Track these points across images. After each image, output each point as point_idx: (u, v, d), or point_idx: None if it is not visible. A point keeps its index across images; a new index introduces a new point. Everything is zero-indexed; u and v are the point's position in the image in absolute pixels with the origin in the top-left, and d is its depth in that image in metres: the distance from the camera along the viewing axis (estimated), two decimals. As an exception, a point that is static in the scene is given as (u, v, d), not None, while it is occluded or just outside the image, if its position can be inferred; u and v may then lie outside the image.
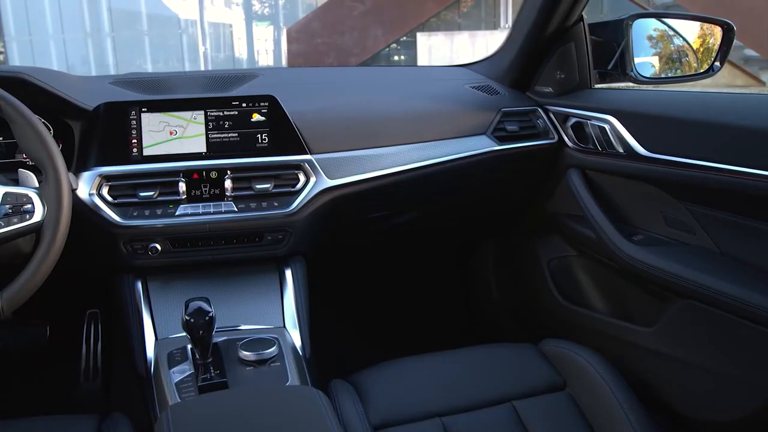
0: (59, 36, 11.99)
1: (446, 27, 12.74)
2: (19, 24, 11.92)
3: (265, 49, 15.00)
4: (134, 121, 1.36)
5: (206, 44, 12.34)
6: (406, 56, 12.80)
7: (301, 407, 0.95)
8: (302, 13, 13.07)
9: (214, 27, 13.99)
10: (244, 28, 14.54)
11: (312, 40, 11.73)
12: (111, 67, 11.88)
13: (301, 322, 1.38)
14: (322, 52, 11.50)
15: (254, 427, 0.91)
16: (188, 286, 1.41)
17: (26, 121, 1.13)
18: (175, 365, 1.21)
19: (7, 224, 1.11)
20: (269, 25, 14.82)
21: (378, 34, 11.71)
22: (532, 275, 1.81)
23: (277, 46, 14.03)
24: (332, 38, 11.50)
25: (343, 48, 11.44)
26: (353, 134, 1.48)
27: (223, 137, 1.39)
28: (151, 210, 1.33)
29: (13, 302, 1.10)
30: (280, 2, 14.22)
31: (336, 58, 11.27)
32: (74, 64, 12.13)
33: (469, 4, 13.51)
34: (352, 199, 1.47)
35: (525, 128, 1.61)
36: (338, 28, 11.49)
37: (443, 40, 11.65)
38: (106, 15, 12.01)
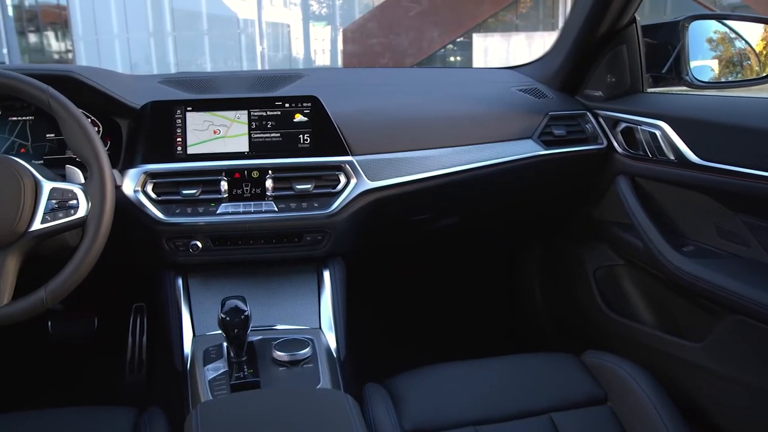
0: (124, 36, 12.38)
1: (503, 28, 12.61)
2: (87, 24, 12.36)
3: (322, 49, 15.14)
4: (179, 120, 1.38)
5: (263, 44, 12.54)
6: (462, 57, 12.72)
7: (328, 411, 0.94)
8: (359, 14, 13.13)
9: (272, 27, 14.19)
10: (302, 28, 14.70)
11: (367, 41, 11.78)
12: (172, 65, 12.21)
13: (337, 324, 1.38)
14: (377, 53, 11.53)
15: (279, 429, 0.91)
16: (227, 284, 1.42)
17: (73, 119, 1.16)
18: (210, 362, 1.22)
19: (53, 219, 1.14)
20: (326, 25, 14.95)
21: (434, 35, 11.67)
22: (577, 283, 1.76)
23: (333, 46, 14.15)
24: (388, 39, 11.52)
25: (398, 49, 11.45)
26: (396, 136, 1.46)
27: (265, 137, 1.39)
28: (193, 208, 1.35)
29: (57, 294, 1.13)
30: (338, 2, 14.32)
31: (391, 59, 11.28)
32: (138, 63, 12.50)
33: (527, 5, 13.33)
34: (393, 202, 1.45)
35: (573, 133, 1.57)
36: (394, 29, 11.49)
37: (499, 42, 11.52)
38: (168, 15, 12.33)
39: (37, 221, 1.14)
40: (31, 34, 14.03)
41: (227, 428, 0.91)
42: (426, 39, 11.60)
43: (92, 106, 1.39)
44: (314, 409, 0.95)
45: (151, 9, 12.31)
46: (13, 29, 12.72)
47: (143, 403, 1.24)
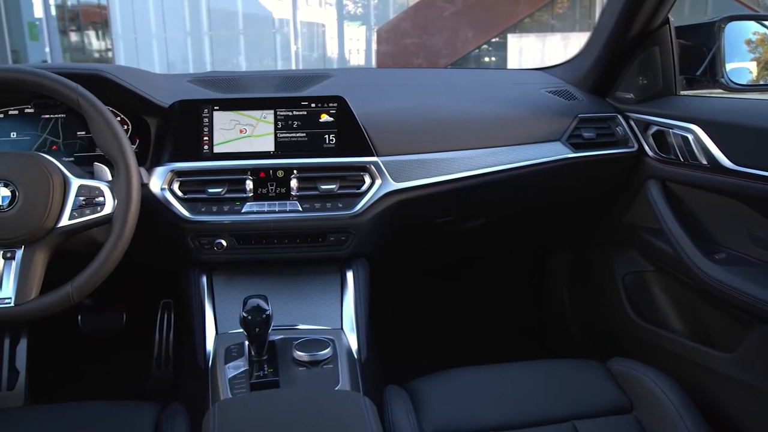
0: (162, 35, 12.58)
1: (539, 28, 12.48)
2: (126, 23, 12.59)
3: (357, 49, 15.17)
4: (206, 119, 1.39)
5: (298, 43, 12.61)
6: (497, 58, 12.63)
7: (345, 413, 0.94)
8: (393, 14, 13.13)
9: (307, 26, 14.27)
10: (336, 27, 14.76)
11: (401, 41, 11.76)
12: (208, 64, 12.35)
13: (359, 325, 1.37)
14: (411, 53, 11.51)
15: (294, 429, 0.91)
16: (251, 283, 1.43)
17: (101, 117, 1.18)
18: (231, 360, 1.23)
19: (80, 215, 1.16)
20: (361, 25, 14.98)
21: (468, 36, 11.61)
22: (605, 289, 1.73)
23: (368, 45, 14.17)
24: (422, 39, 11.49)
25: (432, 49, 11.41)
26: (421, 137, 1.45)
27: (291, 137, 1.40)
28: (218, 206, 1.36)
29: (83, 290, 1.15)
30: (372, 2, 14.34)
31: (425, 59, 11.25)
32: (175, 62, 12.68)
33: (564, 5, 13.18)
34: (418, 203, 1.45)
35: (603, 135, 1.54)
36: (428, 29, 11.46)
37: (534, 42, 11.41)
38: (205, 15, 12.49)
39: (65, 217, 1.16)
40: (73, 33, 14.35)
41: (243, 427, 0.91)
42: (460, 39, 11.54)
43: (122, 105, 1.41)
44: (331, 410, 0.94)
45: (189, 9, 12.49)
46: (55, 28, 13.02)
47: (168, 399, 1.25)
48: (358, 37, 14.93)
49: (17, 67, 1.18)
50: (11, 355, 1.79)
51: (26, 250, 1.15)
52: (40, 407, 1.42)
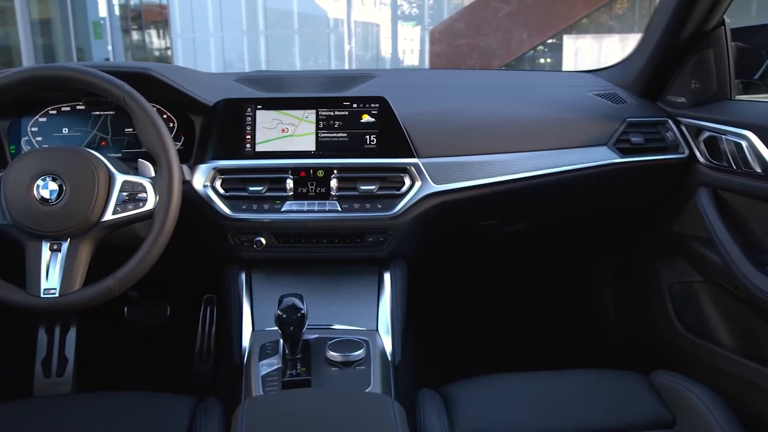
0: (219, 34, 12.83)
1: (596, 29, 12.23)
2: (185, 23, 12.89)
3: (411, 49, 15.16)
4: (249, 118, 1.41)
5: (352, 43, 12.67)
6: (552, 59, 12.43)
7: (371, 415, 0.93)
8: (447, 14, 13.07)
9: (362, 26, 14.34)
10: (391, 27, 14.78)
11: (455, 41, 11.70)
12: (263, 63, 12.54)
13: (395, 327, 1.37)
14: (464, 54, 11.43)
15: (319, 429, 0.91)
16: (289, 281, 1.44)
17: (146, 115, 1.21)
18: (265, 358, 1.24)
19: (123, 210, 1.19)
20: (416, 25, 14.96)
21: (523, 36, 11.46)
22: (651, 299, 1.68)
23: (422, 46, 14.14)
24: (476, 40, 11.40)
25: (486, 49, 11.31)
26: (463, 139, 1.44)
27: (332, 137, 1.40)
28: (258, 204, 1.37)
29: (124, 283, 1.18)
30: (427, 2, 14.31)
31: (478, 60, 11.16)
32: (231, 60, 12.91)
33: (624, 6, 12.88)
34: (458, 206, 1.43)
35: (651, 141, 1.49)
36: (482, 30, 11.36)
37: (591, 43, 11.18)
38: (261, 14, 12.68)
39: (109, 212, 1.19)
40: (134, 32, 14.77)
41: (270, 424, 0.92)
42: (515, 40, 11.41)
43: (168, 103, 1.44)
44: (358, 412, 0.94)
45: (245, 8, 12.70)
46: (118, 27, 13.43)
47: (207, 393, 1.27)
48: (413, 37, 14.92)
49: (67, 65, 1.22)
50: (61, 344, 1.85)
51: (72, 242, 1.18)
52: (84, 395, 1.46)
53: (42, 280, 1.16)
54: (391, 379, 1.24)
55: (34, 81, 1.20)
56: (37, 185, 1.16)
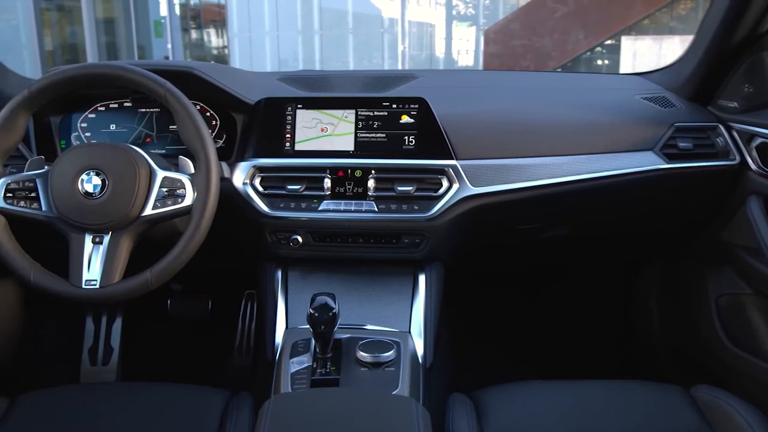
0: (274, 33, 13.01)
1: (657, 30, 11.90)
2: (242, 22, 13.10)
3: (466, 50, 15.06)
4: (290, 117, 1.42)
5: (405, 43, 12.65)
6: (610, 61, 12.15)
7: (393, 418, 0.93)
8: (503, 14, 12.93)
9: (417, 26, 14.31)
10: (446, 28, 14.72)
11: (510, 42, 11.55)
12: (317, 62, 12.64)
13: (428, 329, 1.36)
14: (519, 55, 11.28)
15: (339, 429, 0.91)
16: (324, 280, 1.45)
17: (186, 113, 1.23)
18: (297, 355, 1.25)
19: (162, 206, 1.22)
20: (471, 26, 14.85)
21: (579, 38, 11.23)
22: (697, 310, 1.62)
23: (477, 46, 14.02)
24: (531, 40, 11.24)
25: (541, 51, 11.13)
26: (503, 142, 1.42)
27: (370, 137, 1.40)
28: (296, 203, 1.38)
29: (161, 277, 1.20)
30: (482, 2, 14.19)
31: (533, 61, 11.00)
32: (287, 60, 13.06)
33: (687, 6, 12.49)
34: (497, 210, 1.41)
35: (700, 146, 1.44)
36: (538, 30, 11.19)
37: (650, 45, 10.88)
38: (316, 14, 12.80)
39: (149, 207, 1.22)
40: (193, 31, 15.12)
41: (291, 421, 0.92)
42: (571, 41, 11.18)
43: (211, 101, 1.47)
44: (380, 414, 0.94)
45: (301, 8, 12.84)
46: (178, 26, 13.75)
47: (243, 387, 1.29)
48: (468, 37, 14.81)
49: (112, 64, 1.25)
50: (107, 333, 1.91)
51: (113, 235, 1.21)
52: (123, 384, 1.50)
53: (84, 272, 1.20)
54: (420, 381, 1.23)
55: (82, 78, 1.24)
56: (82, 179, 1.20)
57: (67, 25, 13.24)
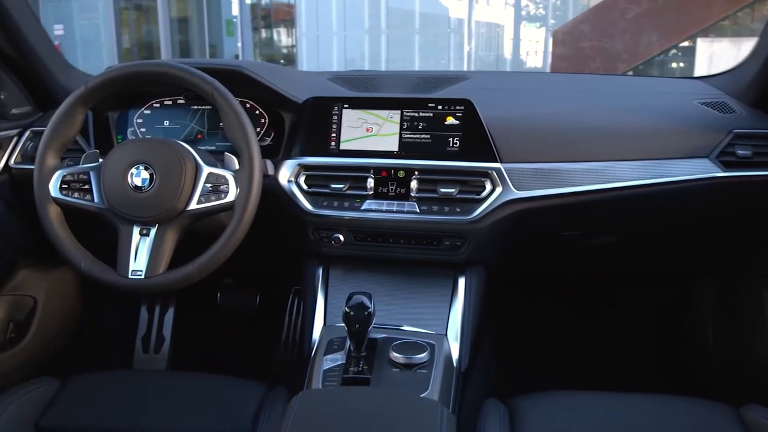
0: (341, 33, 13.13)
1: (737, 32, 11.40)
2: (310, 21, 13.28)
3: (535, 51, 14.83)
4: (336, 116, 1.43)
5: (471, 44, 12.57)
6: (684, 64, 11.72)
7: (416, 420, 0.92)
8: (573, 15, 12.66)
9: (486, 27, 14.19)
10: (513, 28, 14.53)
11: (578, 44, 11.29)
12: (383, 62, 12.70)
13: (464, 333, 1.35)
14: (587, 56, 11.01)
15: (359, 428, 0.91)
16: (363, 279, 1.45)
17: (232, 111, 1.26)
18: (331, 353, 1.26)
19: (206, 201, 1.25)
20: (540, 27, 14.61)
21: (652, 39, 10.86)
22: (755, 328, 1.55)
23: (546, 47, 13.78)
24: (600, 42, 10.95)
25: (611, 53, 10.84)
26: (550, 145, 1.39)
27: (415, 138, 1.40)
28: (339, 202, 1.39)
29: (203, 270, 1.23)
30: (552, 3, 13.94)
31: (602, 64, 10.71)
32: (354, 59, 13.16)
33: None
34: (541, 214, 1.39)
35: (761, 154, 1.38)
36: (608, 32, 10.89)
37: (728, 48, 10.42)
38: (384, 13, 12.85)
39: (194, 202, 1.25)
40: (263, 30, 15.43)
41: (314, 418, 0.93)
42: (643, 43, 10.83)
43: (260, 100, 1.50)
44: (402, 415, 0.93)
45: (368, 8, 12.92)
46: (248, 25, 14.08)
47: (284, 381, 1.31)
48: (538, 38, 14.58)
49: (163, 62, 1.29)
50: (160, 323, 1.97)
51: (159, 228, 1.25)
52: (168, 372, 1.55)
53: (130, 262, 1.24)
54: (452, 385, 1.22)
55: (134, 76, 1.28)
56: (131, 173, 1.24)
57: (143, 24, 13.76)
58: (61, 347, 1.67)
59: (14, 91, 1.48)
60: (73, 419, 1.19)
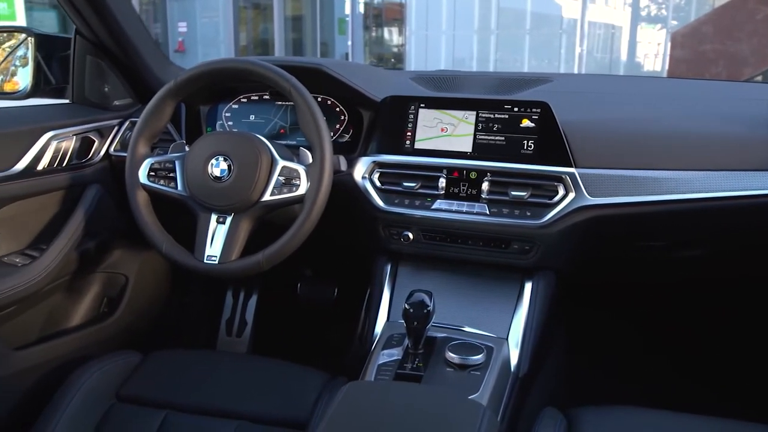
0: (450, 32, 13.09)
1: None
2: (419, 21, 13.32)
3: (654, 53, 14.18)
4: (412, 115, 1.45)
5: (583, 45, 12.17)
6: (822, 69, 10.80)
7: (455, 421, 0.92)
8: (696, 16, 11.99)
9: (599, 27, 13.73)
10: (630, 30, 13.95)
11: (699, 46, 10.67)
12: (491, 63, 12.55)
13: (526, 338, 1.33)
14: (708, 60, 10.37)
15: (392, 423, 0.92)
16: (430, 277, 1.46)
17: (307, 107, 1.30)
18: (389, 348, 1.28)
19: (279, 193, 1.30)
20: (661, 28, 13.95)
21: (784, 42, 10.12)
22: None
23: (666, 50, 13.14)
24: (724, 45, 10.30)
25: (736, 56, 10.16)
26: (628, 151, 1.34)
27: (489, 139, 1.39)
28: (410, 200, 1.41)
29: (271, 259, 1.29)
30: (673, 3, 13.26)
31: (725, 68, 10.07)
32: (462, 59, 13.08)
33: None
34: (617, 223, 1.34)
35: None
36: (733, 34, 10.22)
37: None
38: (494, 13, 12.69)
39: (267, 193, 1.31)
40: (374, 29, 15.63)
41: (354, 408, 0.95)
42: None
43: (341, 97, 1.54)
44: (441, 415, 0.93)
45: (479, 7, 12.80)
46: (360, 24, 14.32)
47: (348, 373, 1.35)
48: (659, 40, 13.93)
49: (246, 59, 1.36)
50: (243, 308, 2.07)
51: (235, 217, 1.32)
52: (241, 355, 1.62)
53: (207, 248, 1.31)
54: (506, 390, 1.20)
55: (218, 72, 1.35)
56: (211, 164, 1.31)
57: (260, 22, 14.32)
58: (149, 324, 1.79)
59: (117, 85, 1.60)
60: (148, 391, 1.28)
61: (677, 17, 13.29)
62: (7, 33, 1.66)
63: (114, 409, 1.25)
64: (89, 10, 1.43)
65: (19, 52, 1.64)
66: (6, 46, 1.69)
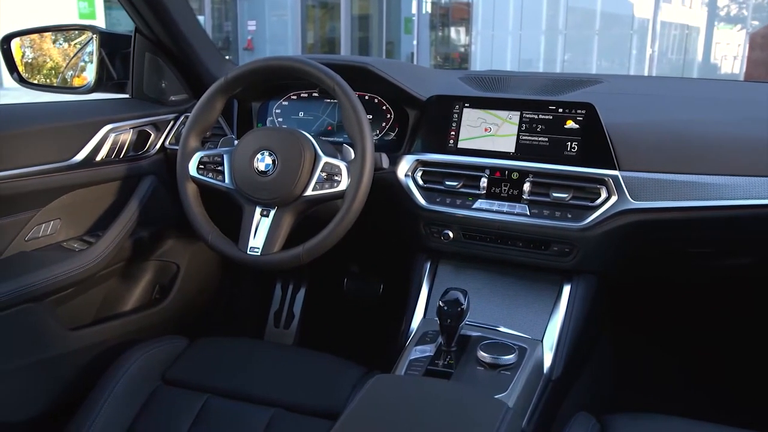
0: (517, 32, 12.92)
1: None
2: (486, 21, 13.21)
3: (733, 55, 13.63)
4: (456, 115, 1.45)
5: (654, 46, 11.81)
6: None
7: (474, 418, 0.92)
8: (781, 16, 11.45)
9: (673, 28, 13.29)
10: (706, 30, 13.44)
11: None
12: (558, 63, 12.33)
13: (561, 341, 1.31)
14: (789, 63, 9.93)
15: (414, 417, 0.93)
16: (469, 276, 1.47)
17: (350, 105, 1.33)
18: (422, 344, 1.29)
19: (320, 188, 1.33)
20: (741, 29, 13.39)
21: None
22: None
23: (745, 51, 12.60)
24: (807, 47, 9.82)
25: (819, 59, 9.68)
26: (673, 155, 1.31)
27: (532, 140, 1.39)
28: (452, 199, 1.42)
29: (311, 253, 1.32)
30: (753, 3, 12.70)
31: (807, 70, 9.60)
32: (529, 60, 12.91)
33: None
34: (661, 228, 1.32)
35: None
36: (817, 36, 9.74)
37: None
38: (562, 13, 12.44)
39: (310, 188, 1.34)
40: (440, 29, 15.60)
41: (375, 400, 0.96)
42: None
43: (387, 96, 1.56)
44: (461, 412, 0.94)
45: (547, 7, 12.59)
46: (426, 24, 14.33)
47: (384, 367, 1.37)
48: (738, 41, 13.38)
49: (294, 57, 1.39)
50: (291, 301, 2.12)
51: (278, 210, 1.35)
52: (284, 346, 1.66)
53: (250, 239, 1.36)
54: (537, 392, 1.20)
55: (266, 69, 1.39)
56: (257, 158, 1.35)
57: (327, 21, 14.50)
58: (198, 312, 1.85)
59: (173, 81, 1.67)
60: (192, 375, 1.33)
61: (759, 17, 12.72)
62: (77, 30, 1.75)
63: (159, 390, 1.30)
64: (147, 10, 1.50)
65: (87, 49, 1.74)
66: (76, 42, 1.79)
